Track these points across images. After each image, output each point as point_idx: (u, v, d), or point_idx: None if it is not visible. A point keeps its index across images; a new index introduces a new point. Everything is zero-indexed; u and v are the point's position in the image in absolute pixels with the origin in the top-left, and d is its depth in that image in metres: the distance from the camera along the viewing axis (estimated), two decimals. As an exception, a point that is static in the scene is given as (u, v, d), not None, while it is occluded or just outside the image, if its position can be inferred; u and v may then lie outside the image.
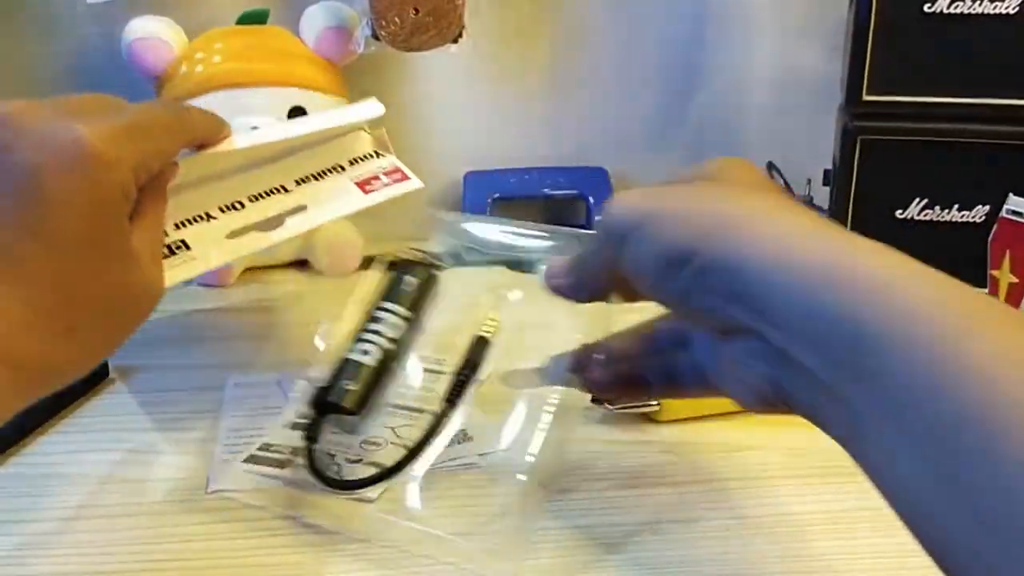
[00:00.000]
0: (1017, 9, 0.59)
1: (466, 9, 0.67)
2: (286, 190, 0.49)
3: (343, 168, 0.51)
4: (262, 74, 0.67)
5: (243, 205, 0.47)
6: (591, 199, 0.77)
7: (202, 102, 0.66)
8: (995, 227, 0.58)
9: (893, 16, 0.61)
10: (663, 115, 0.81)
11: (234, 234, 0.46)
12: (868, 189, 0.64)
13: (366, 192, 0.50)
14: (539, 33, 0.78)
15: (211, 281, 0.69)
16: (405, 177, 0.52)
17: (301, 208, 0.48)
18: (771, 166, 0.78)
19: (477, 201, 0.77)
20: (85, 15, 0.72)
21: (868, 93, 0.62)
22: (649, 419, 0.49)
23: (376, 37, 0.66)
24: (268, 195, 0.48)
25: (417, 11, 0.65)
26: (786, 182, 0.78)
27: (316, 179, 0.50)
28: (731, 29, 0.78)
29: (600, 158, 0.80)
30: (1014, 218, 0.56)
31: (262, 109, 0.66)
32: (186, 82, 0.66)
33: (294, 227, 0.47)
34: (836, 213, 0.66)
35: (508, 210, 0.82)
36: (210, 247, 0.45)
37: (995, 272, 0.58)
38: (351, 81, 0.72)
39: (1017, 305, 0.57)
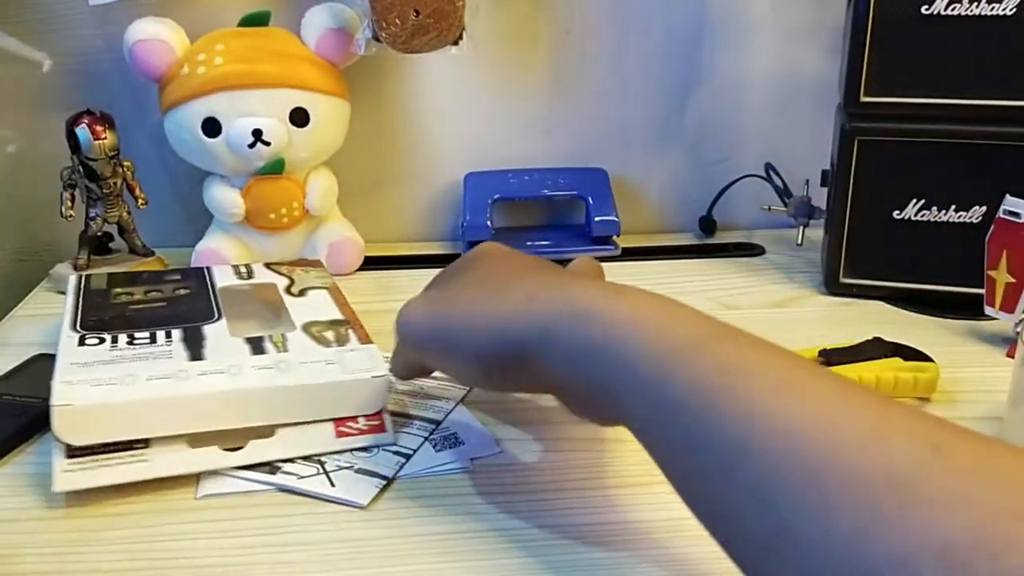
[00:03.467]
0: (1014, 11, 0.59)
1: (466, 11, 0.67)
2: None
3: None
4: (263, 76, 0.67)
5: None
6: (591, 200, 0.78)
7: (204, 103, 0.66)
8: (992, 227, 0.58)
9: (891, 18, 0.61)
10: (663, 116, 0.81)
11: (195, 442, 0.45)
12: (866, 190, 0.65)
13: (338, 435, 0.47)
14: (539, 34, 0.78)
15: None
16: (383, 428, 0.48)
17: (268, 433, 0.46)
18: (769, 167, 0.79)
19: (477, 202, 0.78)
20: (87, 17, 0.73)
21: (866, 94, 0.63)
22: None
23: (377, 39, 0.67)
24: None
25: (418, 13, 0.66)
26: (784, 183, 0.78)
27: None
28: (730, 30, 0.79)
29: (600, 158, 0.81)
30: (1011, 218, 0.57)
31: (263, 111, 0.67)
32: (188, 84, 0.66)
33: (255, 454, 0.45)
34: (834, 213, 0.66)
35: (508, 211, 0.82)
36: (168, 452, 0.44)
37: (992, 272, 0.58)
38: (352, 83, 0.72)
39: (1015, 304, 0.57)
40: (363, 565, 0.39)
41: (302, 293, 0.58)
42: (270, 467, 0.45)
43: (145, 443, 0.44)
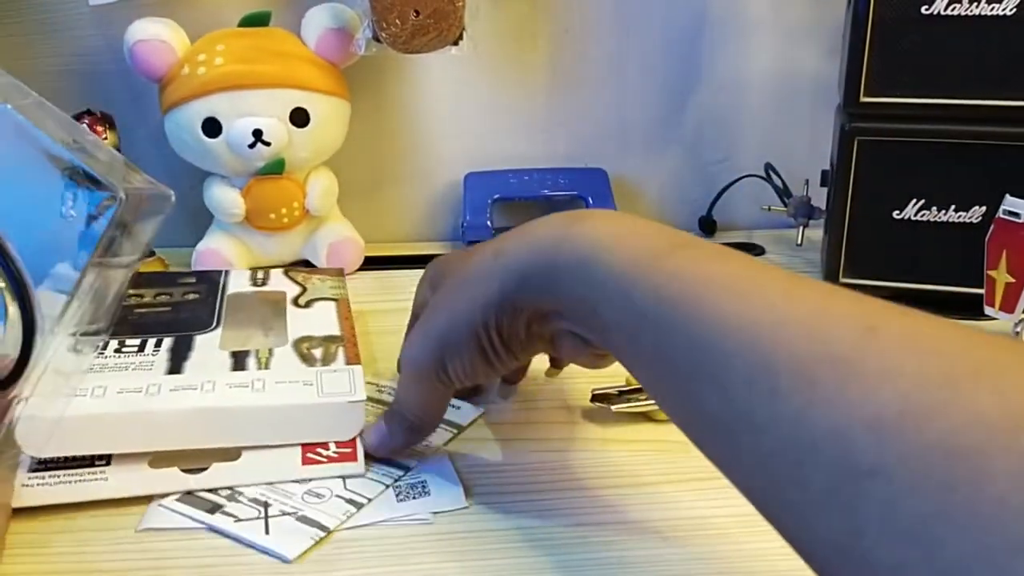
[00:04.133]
0: (1014, 10, 0.59)
1: (466, 11, 0.67)
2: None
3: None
4: (263, 76, 0.67)
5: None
6: (591, 200, 0.78)
7: (204, 104, 0.66)
8: (992, 227, 0.58)
9: (891, 17, 0.61)
10: (662, 115, 0.81)
11: (156, 461, 0.43)
12: (866, 190, 0.65)
13: (304, 463, 0.44)
14: (538, 34, 0.78)
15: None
16: (354, 457, 0.45)
17: (235, 456, 0.44)
18: (769, 167, 0.79)
19: (477, 202, 0.78)
20: (88, 17, 0.73)
21: (866, 94, 0.63)
22: (649, 418, 0.50)
23: (377, 39, 0.67)
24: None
25: (418, 13, 0.66)
26: (784, 183, 0.78)
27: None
28: (730, 30, 0.79)
29: (600, 159, 0.81)
30: (1010, 218, 0.57)
31: (264, 111, 0.67)
32: (188, 84, 0.67)
33: (218, 477, 0.43)
34: (834, 214, 0.66)
35: (508, 211, 0.82)
36: (127, 471, 0.43)
37: (992, 272, 0.58)
38: (352, 83, 0.72)
39: (1014, 304, 0.57)
40: (363, 565, 0.39)
41: (308, 304, 0.56)
42: (212, 505, 0.42)
43: (107, 460, 0.43)
